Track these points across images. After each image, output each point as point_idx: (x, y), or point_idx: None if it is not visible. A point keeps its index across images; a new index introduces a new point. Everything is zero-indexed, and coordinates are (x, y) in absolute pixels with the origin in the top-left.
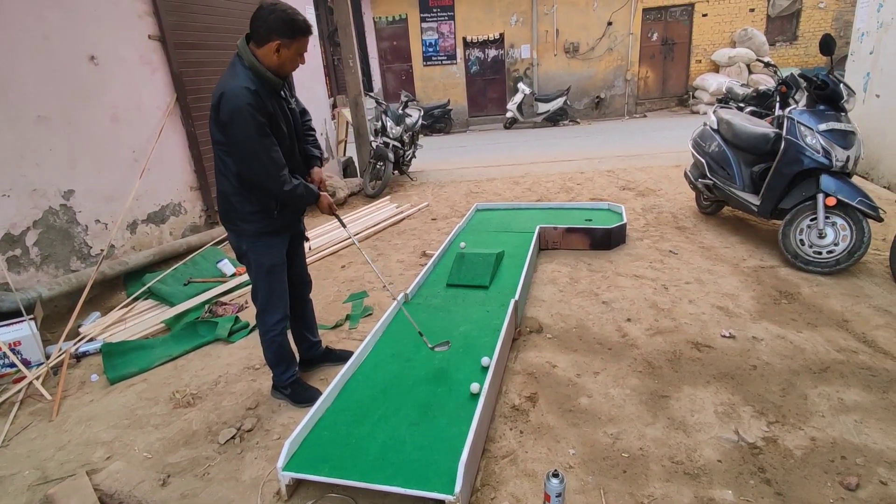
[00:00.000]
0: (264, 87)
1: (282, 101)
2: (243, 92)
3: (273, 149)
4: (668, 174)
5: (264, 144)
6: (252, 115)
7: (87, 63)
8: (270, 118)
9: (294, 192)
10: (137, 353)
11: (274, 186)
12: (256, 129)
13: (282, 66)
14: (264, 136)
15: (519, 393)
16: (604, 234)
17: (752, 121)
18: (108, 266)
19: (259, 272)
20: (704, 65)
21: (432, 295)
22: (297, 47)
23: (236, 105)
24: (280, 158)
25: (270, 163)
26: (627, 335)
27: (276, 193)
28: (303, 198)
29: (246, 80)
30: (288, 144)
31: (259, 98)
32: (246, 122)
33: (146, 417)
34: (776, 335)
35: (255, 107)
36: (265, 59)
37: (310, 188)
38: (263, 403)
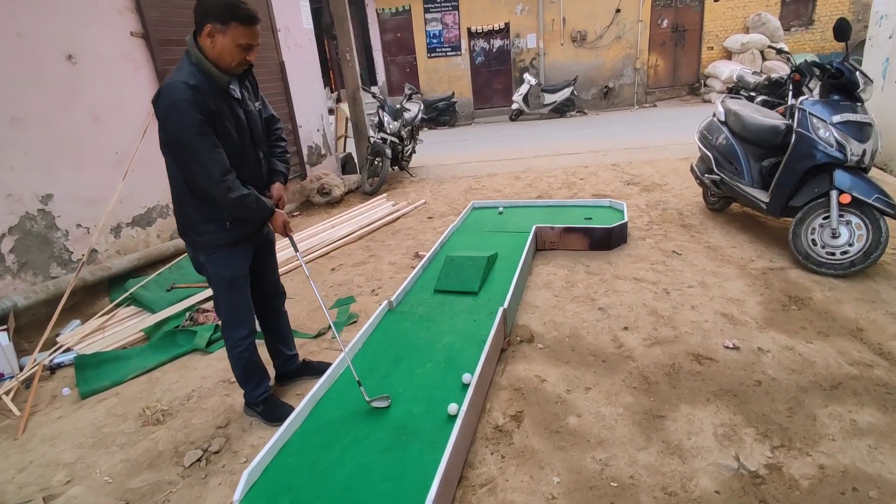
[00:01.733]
0: (209, 84)
1: (232, 102)
2: (181, 87)
3: (215, 150)
4: (675, 167)
5: (204, 143)
6: (188, 111)
7: (64, 62)
8: (212, 117)
9: (243, 202)
10: (112, 366)
11: (216, 192)
12: (194, 125)
13: (220, 58)
14: (203, 134)
15: (504, 411)
16: (603, 234)
17: (762, 112)
18: (89, 272)
19: (219, 286)
20: (716, 52)
21: (418, 302)
22: (234, 36)
23: (172, 100)
24: (223, 161)
25: (211, 163)
26: (623, 346)
27: (221, 201)
28: (253, 210)
29: (187, 76)
30: (239, 150)
31: (199, 94)
32: (181, 118)
33: (112, 436)
34: (784, 346)
35: (192, 102)
36: (209, 52)
37: (262, 201)
38: (235, 421)
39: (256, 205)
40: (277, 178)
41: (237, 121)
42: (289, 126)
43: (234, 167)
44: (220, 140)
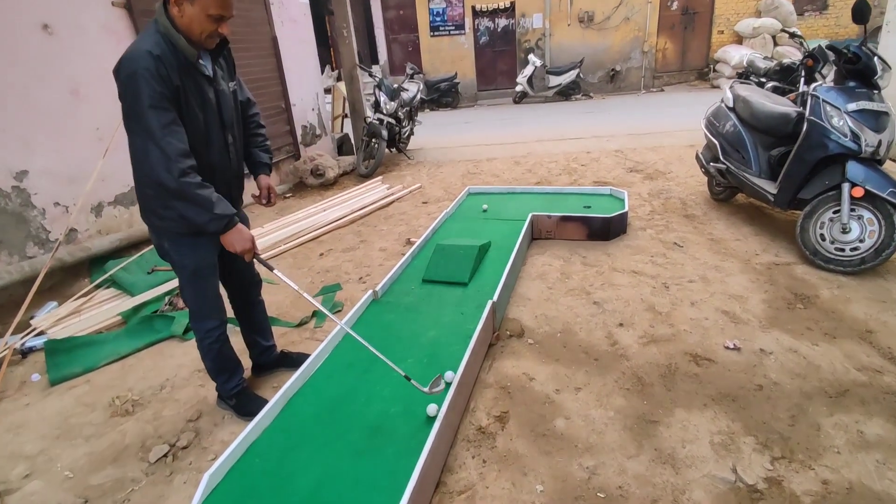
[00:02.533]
0: (175, 57)
1: (200, 78)
2: (142, 55)
3: (172, 127)
4: (680, 155)
5: (159, 119)
6: (147, 82)
7: (39, 33)
8: (175, 93)
9: (194, 195)
10: (84, 351)
11: (166, 176)
12: (150, 97)
13: (189, 29)
14: (159, 108)
15: (488, 411)
16: (602, 224)
17: (772, 98)
18: (68, 252)
19: (184, 275)
20: (727, 36)
21: (405, 292)
22: (204, 5)
23: (132, 69)
24: (180, 142)
25: (165, 142)
26: (618, 343)
27: (171, 187)
28: (206, 211)
29: (151, 45)
30: (204, 131)
31: (161, 65)
32: (138, 89)
33: (79, 427)
34: (788, 348)
35: (152, 73)
36: (178, 22)
37: (223, 204)
38: (206, 414)
39: (215, 206)
40: (262, 171)
41: (204, 99)
42: (281, 105)
43: (197, 150)
44: (183, 119)
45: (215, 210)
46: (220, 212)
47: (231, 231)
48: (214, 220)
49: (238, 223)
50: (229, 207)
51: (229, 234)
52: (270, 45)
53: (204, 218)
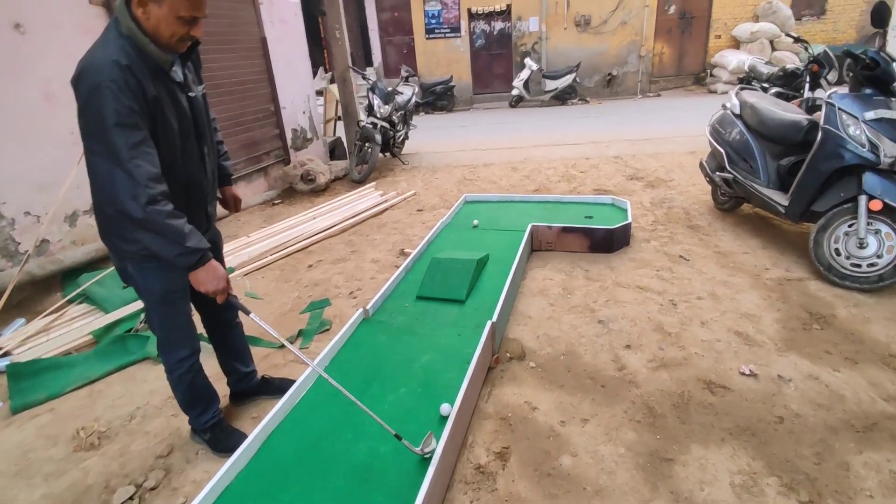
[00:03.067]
0: (144, 63)
1: (172, 86)
2: (107, 66)
3: (140, 147)
4: (681, 162)
5: (126, 138)
6: (115, 97)
7: (10, 31)
8: (152, 105)
9: (164, 225)
10: (50, 375)
11: (131, 204)
12: (116, 113)
13: (156, 33)
14: (126, 126)
15: (488, 447)
16: (605, 236)
17: (782, 105)
18: (38, 265)
19: (150, 300)
20: (724, 41)
21: (398, 310)
22: (173, 6)
23: (95, 81)
24: (149, 165)
25: (132, 165)
26: (626, 368)
27: (137, 216)
28: (174, 244)
29: (117, 52)
30: (181, 144)
31: (131, 76)
32: (102, 104)
33: (38, 463)
34: (807, 374)
35: (120, 86)
36: (144, 24)
37: (195, 237)
38: (178, 449)
39: (186, 238)
40: (226, 182)
41: (178, 109)
42: (270, 108)
43: (172, 166)
44: (159, 132)
45: (187, 243)
46: (193, 245)
47: (203, 268)
48: (185, 254)
49: (211, 259)
50: (202, 241)
51: (200, 270)
52: (259, 46)
53: (173, 252)
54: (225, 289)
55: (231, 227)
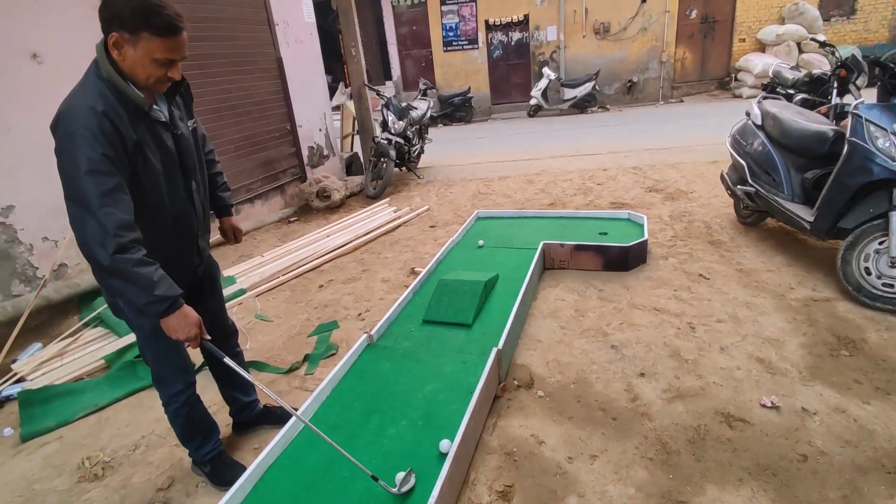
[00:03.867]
0: (124, 106)
1: (156, 126)
2: (84, 112)
3: (113, 195)
4: (702, 172)
5: (98, 186)
6: (88, 144)
7: (28, 62)
8: (132, 150)
9: (131, 273)
10: (61, 402)
11: (99, 251)
12: (89, 161)
13: (133, 74)
14: (99, 173)
15: (490, 484)
16: (620, 254)
17: (806, 115)
18: (55, 290)
19: (142, 335)
20: (749, 44)
21: (403, 335)
22: (147, 49)
23: (69, 129)
24: (121, 213)
25: (102, 213)
26: (639, 399)
27: (102, 264)
28: (143, 292)
29: (94, 98)
30: (165, 184)
31: (107, 122)
32: (75, 151)
33: (42, 495)
34: (834, 407)
35: (95, 133)
36: (121, 65)
37: (166, 284)
38: (179, 481)
39: (155, 286)
40: (225, 213)
41: (162, 149)
42: (286, 126)
43: (160, 203)
44: (141, 174)
45: (155, 291)
46: (162, 293)
47: (173, 315)
48: (154, 302)
49: (182, 305)
50: (174, 288)
51: (171, 318)
52: (275, 67)
53: (141, 299)
54: (197, 335)
55: (247, 247)
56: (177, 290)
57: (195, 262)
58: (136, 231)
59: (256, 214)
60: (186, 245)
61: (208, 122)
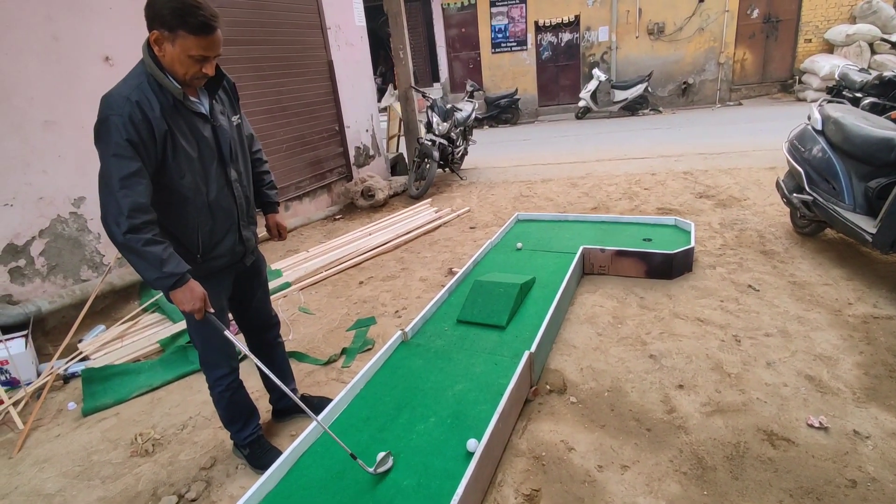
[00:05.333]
0: (162, 96)
1: (192, 117)
2: (118, 101)
3: (132, 178)
4: (758, 179)
5: (120, 169)
6: (116, 130)
7: (101, 64)
8: (162, 138)
9: (141, 251)
10: (119, 381)
11: (114, 229)
12: (116, 145)
13: (172, 69)
14: (123, 158)
15: (517, 487)
16: (664, 261)
17: (872, 120)
18: (118, 276)
19: (191, 322)
20: (815, 44)
21: (437, 334)
22: (183, 46)
23: (103, 115)
24: (137, 196)
25: (120, 195)
26: (676, 411)
27: (116, 240)
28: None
29: (131, 89)
30: (201, 170)
31: (138, 111)
32: (106, 136)
33: (99, 466)
34: (890, 432)
35: (124, 121)
36: (162, 61)
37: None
38: (221, 462)
39: (163, 264)
40: (270, 210)
41: (199, 138)
42: (335, 127)
43: (197, 189)
44: (173, 160)
45: (164, 268)
46: (170, 270)
47: (180, 289)
48: (162, 278)
49: (189, 280)
50: (181, 265)
51: (178, 291)
52: (326, 69)
53: (152, 275)
54: (201, 308)
55: (294, 242)
56: (184, 267)
57: (238, 250)
58: (151, 214)
59: (304, 211)
60: (226, 231)
61: (261, 121)
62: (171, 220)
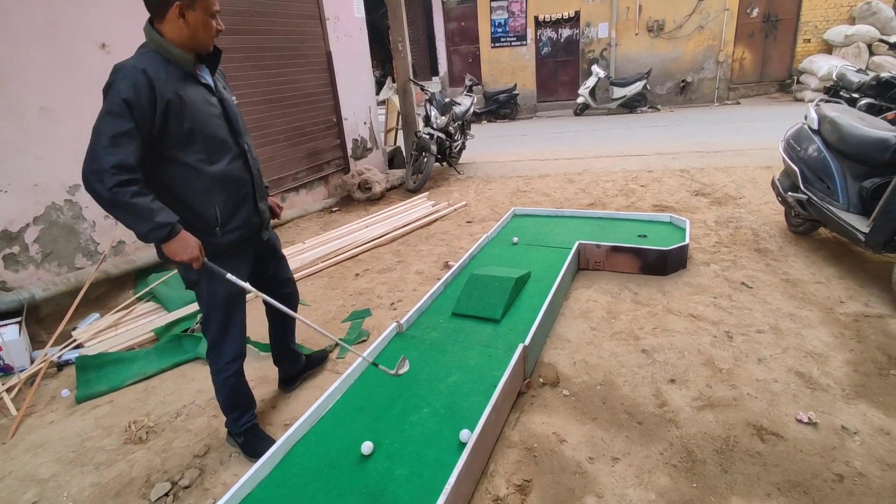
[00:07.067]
0: (171, 68)
1: (200, 88)
2: (129, 69)
3: (121, 139)
4: (754, 177)
5: (111, 126)
6: (116, 91)
7: (97, 51)
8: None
9: (129, 203)
10: (113, 368)
11: (98, 185)
12: (113, 104)
13: (195, 37)
14: (117, 117)
15: (508, 478)
16: (658, 257)
17: (867, 120)
18: (113, 265)
19: (214, 304)
20: (814, 45)
21: (432, 326)
22: (205, 6)
23: (113, 78)
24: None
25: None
26: (667, 405)
27: (102, 196)
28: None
29: (140, 60)
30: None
31: (144, 77)
32: (108, 99)
33: (92, 452)
34: (878, 428)
35: (128, 84)
36: (175, 36)
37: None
38: (214, 450)
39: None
40: None
41: (207, 107)
42: (333, 119)
43: (208, 159)
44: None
45: (155, 218)
46: (162, 220)
47: (174, 240)
48: (155, 228)
49: (182, 230)
50: (171, 215)
51: (172, 242)
52: (324, 61)
53: (144, 227)
54: (198, 256)
55: (290, 233)
56: (174, 217)
57: (255, 222)
58: (137, 173)
59: (301, 203)
60: (242, 201)
61: (259, 111)
62: (188, 194)
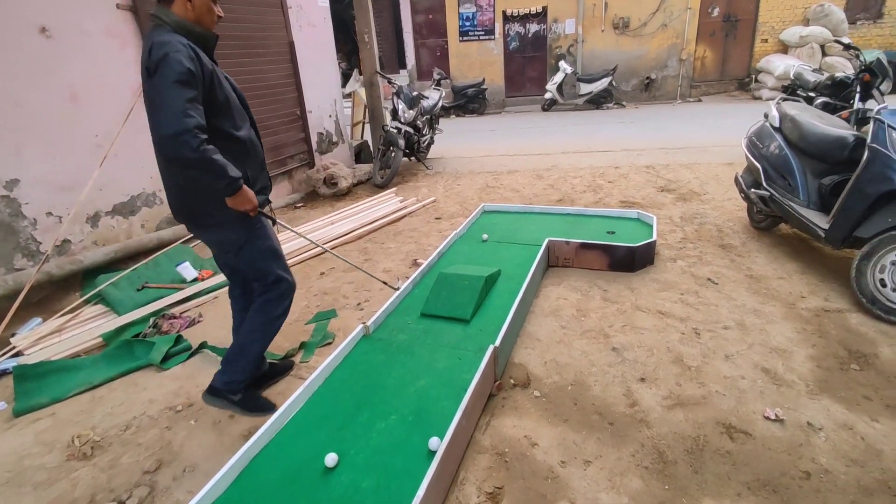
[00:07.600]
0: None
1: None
2: (175, 42)
3: (193, 104)
4: (717, 174)
5: (181, 93)
6: (178, 62)
7: (36, 35)
8: (208, 76)
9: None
10: (55, 378)
11: (184, 148)
12: (178, 73)
13: (199, 20)
14: (185, 84)
15: (479, 485)
16: (626, 254)
17: (826, 119)
18: (57, 265)
19: (265, 254)
20: (771, 45)
21: (400, 328)
22: None
23: (163, 52)
24: (199, 118)
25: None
26: (638, 404)
27: (189, 157)
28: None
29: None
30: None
31: (192, 51)
32: (167, 69)
33: (31, 471)
34: (841, 423)
35: (183, 55)
36: (188, 16)
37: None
38: (167, 465)
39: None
40: None
41: (227, 80)
42: (296, 111)
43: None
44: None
45: (230, 173)
46: (234, 174)
47: (241, 191)
48: (231, 182)
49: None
50: (237, 170)
51: (241, 193)
52: (287, 51)
53: (223, 181)
54: (255, 207)
55: None
56: (239, 172)
57: (268, 186)
58: (207, 135)
59: None
60: (261, 166)
61: None
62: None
